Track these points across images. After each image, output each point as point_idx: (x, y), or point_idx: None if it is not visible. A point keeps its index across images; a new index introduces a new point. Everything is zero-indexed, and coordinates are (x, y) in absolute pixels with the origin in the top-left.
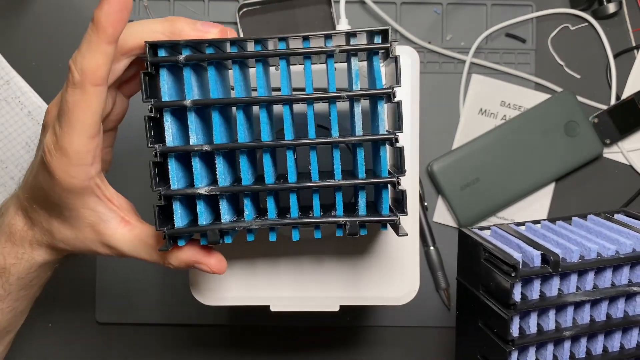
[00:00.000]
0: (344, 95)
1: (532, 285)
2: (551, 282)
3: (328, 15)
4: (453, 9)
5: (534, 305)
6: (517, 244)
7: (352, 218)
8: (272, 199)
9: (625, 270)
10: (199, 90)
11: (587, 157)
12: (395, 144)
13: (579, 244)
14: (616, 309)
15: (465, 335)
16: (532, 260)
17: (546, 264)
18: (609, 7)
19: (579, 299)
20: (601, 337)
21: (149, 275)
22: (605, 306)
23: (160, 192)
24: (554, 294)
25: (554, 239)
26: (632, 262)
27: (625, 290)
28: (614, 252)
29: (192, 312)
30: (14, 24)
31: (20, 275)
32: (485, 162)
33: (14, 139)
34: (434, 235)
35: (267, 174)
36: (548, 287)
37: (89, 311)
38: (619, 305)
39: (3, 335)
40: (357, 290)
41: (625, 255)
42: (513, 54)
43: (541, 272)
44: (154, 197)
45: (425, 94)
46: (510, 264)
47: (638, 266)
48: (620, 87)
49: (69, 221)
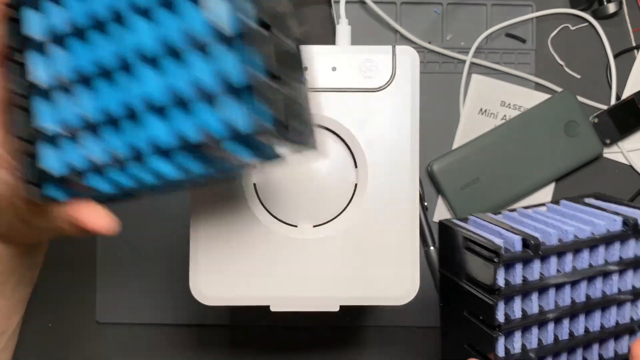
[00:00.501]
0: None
1: (514, 270)
2: (532, 266)
3: (328, 15)
4: (453, 9)
5: (518, 289)
6: (497, 231)
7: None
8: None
9: (601, 250)
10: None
11: (587, 157)
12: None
13: (556, 227)
14: (594, 289)
15: (450, 327)
16: (513, 245)
17: (527, 248)
18: (609, 7)
19: (560, 281)
20: (582, 318)
21: (149, 275)
22: (584, 286)
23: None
24: (536, 278)
25: (532, 224)
26: (606, 242)
27: (602, 269)
28: (590, 233)
29: (192, 312)
30: None
31: None
32: (485, 162)
33: None
34: (434, 235)
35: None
36: (530, 271)
37: (89, 311)
38: (597, 285)
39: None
40: (357, 290)
41: (600, 235)
42: (513, 54)
43: (523, 256)
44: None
45: (425, 94)
46: (492, 249)
47: (612, 246)
48: (620, 87)
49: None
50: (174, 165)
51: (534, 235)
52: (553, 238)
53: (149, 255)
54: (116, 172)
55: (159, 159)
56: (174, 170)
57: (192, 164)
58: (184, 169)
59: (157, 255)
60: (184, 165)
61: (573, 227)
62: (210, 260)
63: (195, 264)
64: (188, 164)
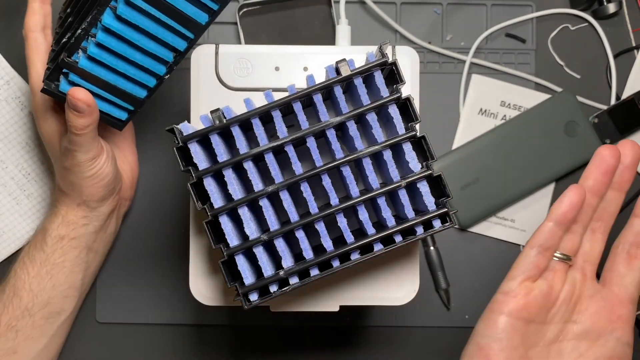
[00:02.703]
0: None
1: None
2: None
3: (328, 16)
4: (453, 9)
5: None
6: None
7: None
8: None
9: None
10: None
11: (587, 157)
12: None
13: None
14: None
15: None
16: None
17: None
18: (609, 7)
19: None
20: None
21: (149, 275)
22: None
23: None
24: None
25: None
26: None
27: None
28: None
29: (192, 312)
30: (14, 24)
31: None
32: (485, 162)
33: (14, 139)
34: (434, 235)
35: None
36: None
37: (89, 311)
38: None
39: (54, 316)
40: (357, 290)
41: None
42: (513, 54)
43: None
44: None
45: (425, 94)
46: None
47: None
48: (620, 87)
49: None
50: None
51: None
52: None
53: (149, 255)
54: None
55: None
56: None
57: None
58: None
59: (157, 255)
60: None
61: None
62: (210, 261)
63: (195, 264)
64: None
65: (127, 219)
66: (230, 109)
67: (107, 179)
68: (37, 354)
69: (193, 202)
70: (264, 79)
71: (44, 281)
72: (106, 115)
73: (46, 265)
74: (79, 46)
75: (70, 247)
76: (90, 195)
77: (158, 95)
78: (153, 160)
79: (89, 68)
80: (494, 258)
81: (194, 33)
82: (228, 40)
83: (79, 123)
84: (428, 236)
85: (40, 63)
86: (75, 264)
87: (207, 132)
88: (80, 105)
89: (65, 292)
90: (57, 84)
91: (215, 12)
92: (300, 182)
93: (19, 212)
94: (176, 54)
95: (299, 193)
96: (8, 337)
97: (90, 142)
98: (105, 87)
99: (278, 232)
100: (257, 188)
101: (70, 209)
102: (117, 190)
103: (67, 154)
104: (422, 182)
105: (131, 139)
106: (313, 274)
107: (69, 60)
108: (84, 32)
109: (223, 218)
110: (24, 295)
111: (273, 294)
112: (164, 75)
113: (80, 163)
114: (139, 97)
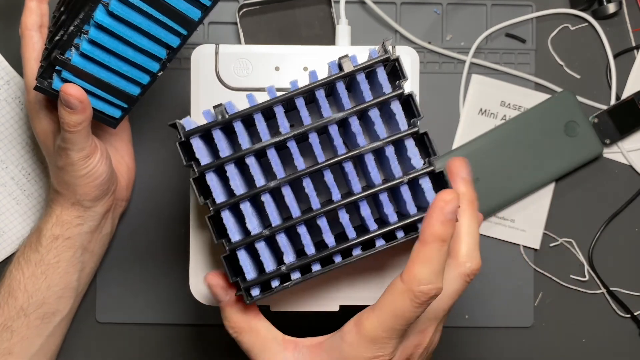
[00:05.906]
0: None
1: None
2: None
3: (328, 15)
4: (453, 9)
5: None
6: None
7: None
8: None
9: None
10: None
11: (587, 157)
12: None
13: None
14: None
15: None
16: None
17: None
18: (609, 7)
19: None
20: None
21: (149, 275)
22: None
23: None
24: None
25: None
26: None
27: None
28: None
29: (192, 312)
30: (14, 24)
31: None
32: (485, 162)
33: (14, 139)
34: None
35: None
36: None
37: (89, 311)
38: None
39: (49, 317)
40: (357, 290)
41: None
42: (513, 54)
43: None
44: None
45: (425, 94)
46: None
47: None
48: (620, 87)
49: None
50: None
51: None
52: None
53: (149, 255)
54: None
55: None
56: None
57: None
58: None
59: (157, 255)
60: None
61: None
62: (210, 259)
63: (195, 264)
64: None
65: (126, 219)
66: (233, 104)
67: (101, 178)
68: (33, 355)
69: (193, 199)
70: (264, 79)
71: (39, 281)
72: (100, 113)
73: (41, 266)
74: (72, 43)
75: (65, 247)
76: (84, 195)
77: (158, 95)
78: (153, 160)
79: (82, 65)
80: (493, 258)
81: (186, 29)
82: (228, 40)
83: (71, 120)
84: None
85: (36, 62)
86: (70, 265)
87: (209, 127)
88: (72, 102)
89: (60, 293)
90: (50, 81)
91: (208, 8)
92: (303, 177)
93: (19, 212)
94: (169, 51)
95: (301, 189)
96: (3, 337)
97: (83, 140)
98: (99, 84)
99: (280, 227)
100: (259, 183)
101: (64, 209)
102: (112, 190)
103: (60, 153)
104: (424, 178)
105: (128, 140)
106: (315, 270)
107: (61, 58)
108: (76, 29)
109: (225, 213)
110: (19, 295)
111: (274, 289)
112: (157, 72)
113: (73, 162)
114: (133, 94)
